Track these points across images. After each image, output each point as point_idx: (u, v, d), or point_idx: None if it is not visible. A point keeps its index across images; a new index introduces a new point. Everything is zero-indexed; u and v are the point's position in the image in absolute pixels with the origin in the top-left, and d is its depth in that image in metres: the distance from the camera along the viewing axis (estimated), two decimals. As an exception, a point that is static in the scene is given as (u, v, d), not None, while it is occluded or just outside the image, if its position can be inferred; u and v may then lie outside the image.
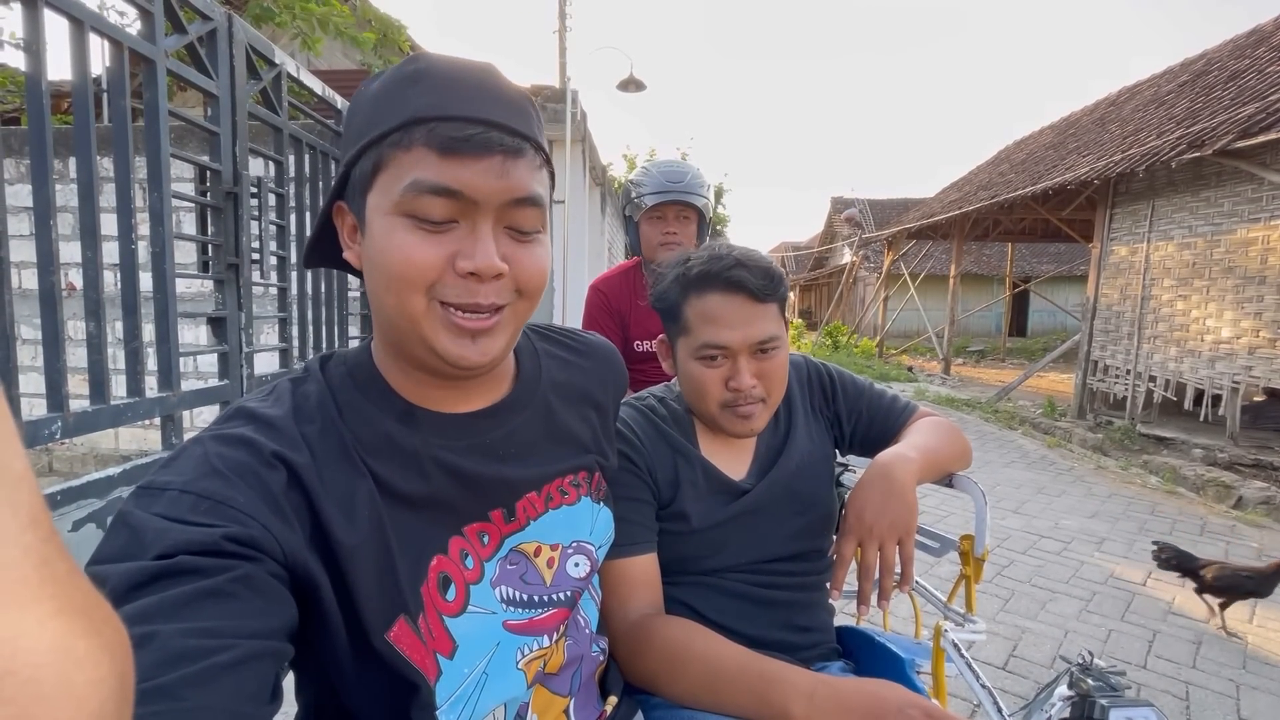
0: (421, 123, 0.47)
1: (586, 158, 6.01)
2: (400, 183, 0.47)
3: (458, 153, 0.47)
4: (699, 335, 0.81)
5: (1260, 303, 4.69)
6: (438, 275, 0.48)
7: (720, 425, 0.83)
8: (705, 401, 0.82)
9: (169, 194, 1.19)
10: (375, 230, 0.49)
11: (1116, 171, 5.63)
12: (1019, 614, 2.35)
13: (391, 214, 0.48)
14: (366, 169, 0.49)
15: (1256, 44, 6.61)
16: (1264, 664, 2.06)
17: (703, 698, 0.68)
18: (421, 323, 0.49)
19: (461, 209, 0.48)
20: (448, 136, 0.47)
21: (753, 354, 0.80)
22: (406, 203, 0.47)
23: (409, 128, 0.47)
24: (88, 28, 1.00)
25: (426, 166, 0.47)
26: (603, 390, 0.70)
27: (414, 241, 0.48)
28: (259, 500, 0.44)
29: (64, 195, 3.41)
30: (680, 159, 2.14)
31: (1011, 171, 9.32)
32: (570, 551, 0.62)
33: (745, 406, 0.80)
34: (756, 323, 0.79)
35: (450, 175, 0.47)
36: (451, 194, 0.47)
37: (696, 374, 0.82)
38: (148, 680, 0.33)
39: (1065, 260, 16.21)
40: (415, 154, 0.47)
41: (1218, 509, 3.80)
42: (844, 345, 13.36)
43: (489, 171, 0.48)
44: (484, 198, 0.48)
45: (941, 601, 0.94)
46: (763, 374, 0.80)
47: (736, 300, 0.79)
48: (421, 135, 0.47)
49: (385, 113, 0.48)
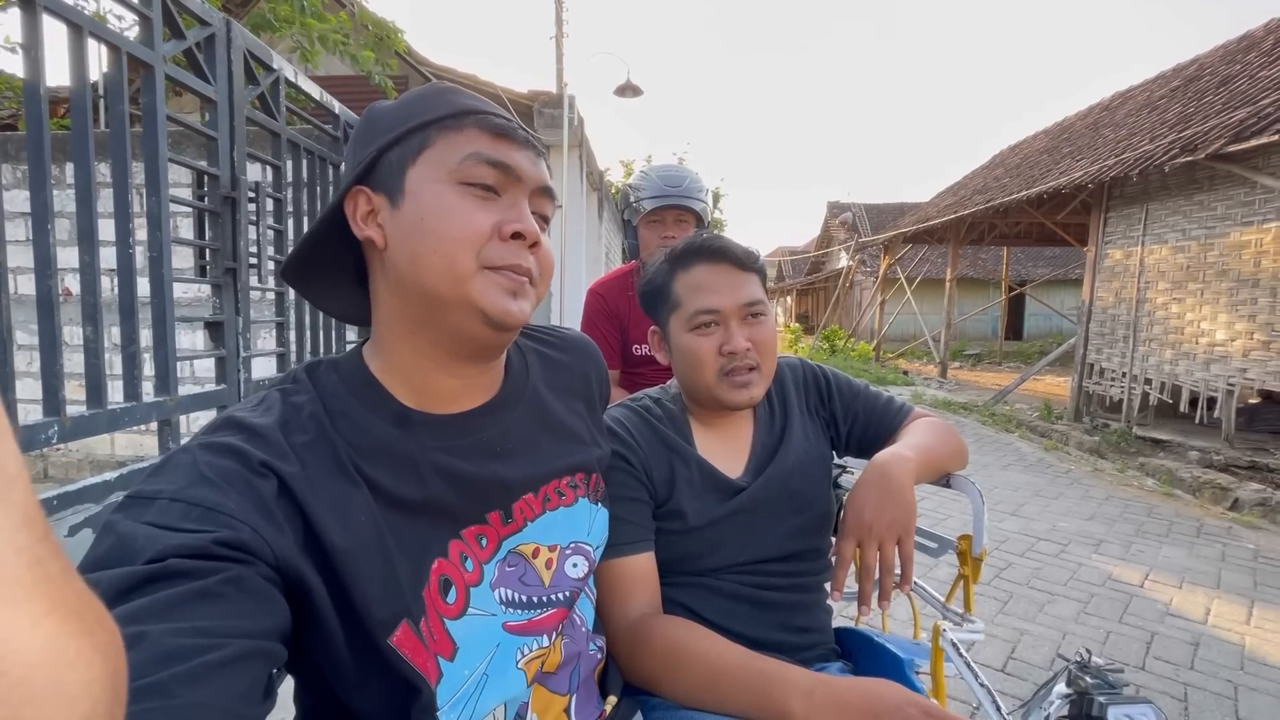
0: (473, 113, 0.55)
1: (584, 163, 6.03)
2: (458, 154, 0.53)
3: (507, 137, 0.55)
4: (690, 305, 0.84)
5: (1254, 305, 4.72)
6: (487, 238, 0.53)
7: (719, 398, 0.84)
8: (702, 372, 0.84)
9: (167, 198, 1.19)
10: (425, 196, 0.52)
11: (1110, 175, 5.67)
12: (1018, 616, 2.35)
13: (445, 182, 0.53)
14: (411, 147, 0.54)
15: (1247, 49, 6.68)
16: (1262, 664, 2.06)
17: (703, 697, 0.68)
18: (469, 283, 0.52)
19: (507, 183, 0.54)
20: (498, 124, 0.55)
21: (743, 319, 0.83)
22: (465, 170, 0.53)
23: (460, 116, 0.54)
24: (86, 33, 1.00)
25: (480, 142, 0.54)
26: (585, 382, 0.71)
27: (470, 205, 0.53)
28: (249, 506, 0.44)
29: (60, 200, 3.41)
30: (678, 163, 2.15)
31: (1006, 175, 9.37)
32: (568, 552, 0.62)
33: (742, 375, 0.82)
34: (743, 287, 0.84)
35: (503, 153, 0.54)
36: (504, 168, 0.54)
37: (691, 346, 0.84)
38: (139, 678, 0.33)
39: (1060, 264, 16.28)
40: (468, 134, 0.54)
41: (1214, 511, 3.81)
42: (841, 349, 13.38)
43: (527, 159, 0.55)
44: (527, 177, 0.55)
45: (940, 602, 0.94)
46: (754, 339, 0.83)
47: (722, 268, 0.84)
48: (473, 121, 0.54)
49: (429, 106, 0.55)
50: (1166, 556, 3.01)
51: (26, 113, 0.94)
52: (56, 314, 1.00)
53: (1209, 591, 2.63)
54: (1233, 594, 2.61)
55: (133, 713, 0.31)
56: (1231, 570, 2.86)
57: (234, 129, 1.38)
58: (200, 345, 3.76)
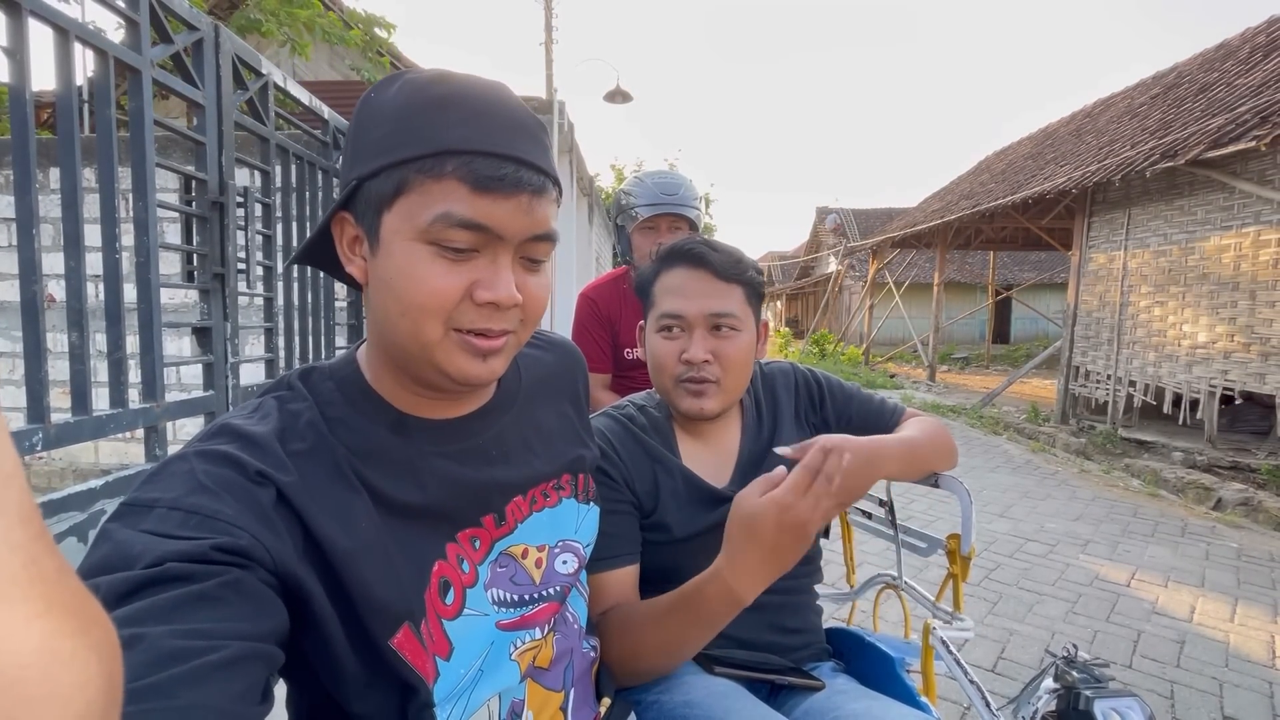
0: (454, 154, 0.47)
1: (574, 168, 6.04)
2: (429, 212, 0.47)
3: (491, 191, 0.48)
4: (660, 307, 0.84)
5: (1234, 308, 4.80)
6: (456, 303, 0.49)
7: (674, 402, 0.85)
8: (662, 375, 0.84)
9: (154, 203, 1.19)
10: (395, 253, 0.49)
11: (1093, 181, 5.76)
12: (1007, 616, 2.37)
13: (415, 240, 0.48)
14: (387, 188, 0.48)
15: (1224, 58, 6.82)
16: (1246, 661, 2.09)
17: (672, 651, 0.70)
18: (435, 349, 0.50)
19: (485, 241, 0.49)
20: (483, 175, 0.47)
21: (709, 329, 0.82)
22: (434, 232, 0.47)
23: (441, 158, 0.47)
24: (73, 37, 1.00)
25: (458, 200, 0.47)
26: (572, 384, 0.72)
27: (439, 271, 0.48)
28: (247, 513, 0.43)
29: (44, 206, 3.37)
30: (669, 169, 2.15)
31: (992, 181, 9.50)
32: (557, 550, 0.63)
33: (697, 384, 0.81)
34: (715, 297, 0.82)
35: (482, 211, 0.48)
36: (481, 229, 0.48)
37: (655, 348, 0.85)
38: (138, 679, 0.33)
39: (1046, 268, 16.49)
40: (446, 185, 0.47)
41: (1198, 511, 3.86)
42: (831, 353, 13.45)
43: (517, 209, 0.49)
44: (510, 234, 0.49)
45: (930, 601, 0.95)
46: (718, 353, 0.82)
47: (698, 274, 0.83)
48: (454, 168, 0.47)
49: (411, 136, 0.47)
50: (1152, 556, 3.04)
51: (11, 117, 0.94)
52: (42, 319, 0.99)
53: (1194, 590, 2.66)
54: (1217, 592, 2.64)
55: (132, 713, 0.31)
56: (1216, 569, 2.91)
57: (222, 134, 1.37)
58: (187, 351, 3.72)
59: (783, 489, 0.60)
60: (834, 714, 0.73)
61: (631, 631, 0.71)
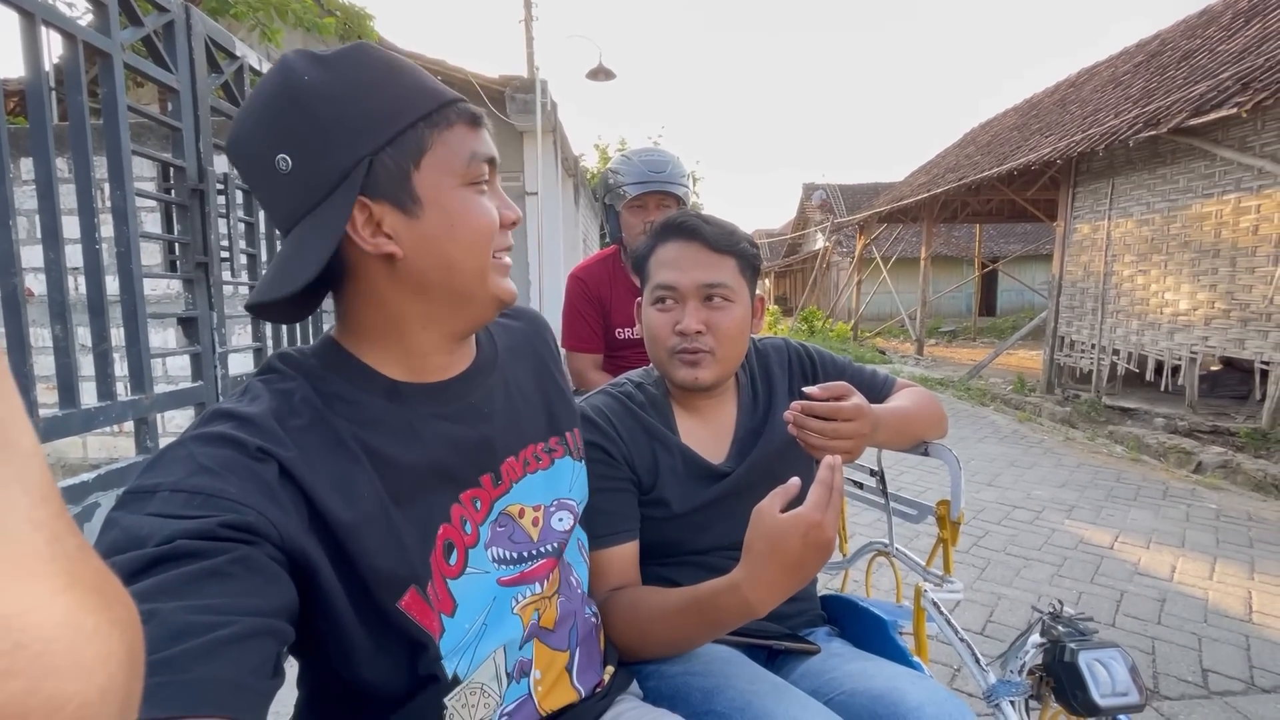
0: (449, 104, 0.53)
1: (558, 148, 5.96)
2: (462, 157, 0.53)
3: (480, 127, 0.55)
4: (654, 279, 0.85)
5: (1215, 275, 4.87)
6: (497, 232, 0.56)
7: (669, 373, 0.86)
8: (657, 347, 0.85)
9: (132, 192, 1.16)
10: (449, 203, 0.53)
11: (1077, 151, 5.78)
12: (995, 581, 2.43)
13: (460, 185, 0.53)
14: (407, 153, 0.51)
15: (1207, 24, 6.81)
16: (1223, 617, 2.16)
17: (677, 646, 0.73)
18: (488, 276, 0.56)
19: (492, 170, 0.56)
20: (472, 114, 0.54)
21: (702, 300, 0.83)
22: (473, 172, 0.53)
23: (444, 109, 0.52)
24: (39, 20, 0.97)
25: (472, 139, 0.54)
26: (543, 343, 0.74)
27: (486, 205, 0.55)
28: (251, 490, 0.44)
29: (18, 198, 3.27)
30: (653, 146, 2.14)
31: (978, 153, 9.50)
32: (553, 509, 0.65)
33: (691, 354, 0.83)
34: (708, 268, 0.83)
35: (488, 144, 0.55)
36: (493, 161, 0.55)
37: (650, 320, 0.86)
38: (151, 654, 0.33)
39: (1031, 240, 16.58)
40: (457, 131, 0.53)
41: (1179, 474, 3.95)
42: (820, 330, 13.52)
43: (490, 140, 0.56)
44: (495, 161, 0.56)
45: (921, 565, 0.97)
46: (711, 324, 0.83)
47: (692, 247, 0.84)
48: (455, 115, 0.53)
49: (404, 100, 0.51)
50: (1135, 519, 3.12)
51: (-20, 105, 0.91)
52: (23, 313, 0.98)
53: (1175, 550, 2.74)
54: (1196, 552, 2.72)
55: (146, 687, 0.31)
56: (1195, 529, 2.99)
57: (199, 119, 1.34)
58: (172, 343, 3.67)
59: (810, 506, 0.59)
60: (830, 675, 0.75)
61: (639, 621, 0.72)
